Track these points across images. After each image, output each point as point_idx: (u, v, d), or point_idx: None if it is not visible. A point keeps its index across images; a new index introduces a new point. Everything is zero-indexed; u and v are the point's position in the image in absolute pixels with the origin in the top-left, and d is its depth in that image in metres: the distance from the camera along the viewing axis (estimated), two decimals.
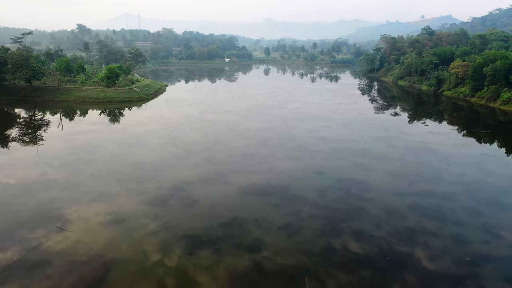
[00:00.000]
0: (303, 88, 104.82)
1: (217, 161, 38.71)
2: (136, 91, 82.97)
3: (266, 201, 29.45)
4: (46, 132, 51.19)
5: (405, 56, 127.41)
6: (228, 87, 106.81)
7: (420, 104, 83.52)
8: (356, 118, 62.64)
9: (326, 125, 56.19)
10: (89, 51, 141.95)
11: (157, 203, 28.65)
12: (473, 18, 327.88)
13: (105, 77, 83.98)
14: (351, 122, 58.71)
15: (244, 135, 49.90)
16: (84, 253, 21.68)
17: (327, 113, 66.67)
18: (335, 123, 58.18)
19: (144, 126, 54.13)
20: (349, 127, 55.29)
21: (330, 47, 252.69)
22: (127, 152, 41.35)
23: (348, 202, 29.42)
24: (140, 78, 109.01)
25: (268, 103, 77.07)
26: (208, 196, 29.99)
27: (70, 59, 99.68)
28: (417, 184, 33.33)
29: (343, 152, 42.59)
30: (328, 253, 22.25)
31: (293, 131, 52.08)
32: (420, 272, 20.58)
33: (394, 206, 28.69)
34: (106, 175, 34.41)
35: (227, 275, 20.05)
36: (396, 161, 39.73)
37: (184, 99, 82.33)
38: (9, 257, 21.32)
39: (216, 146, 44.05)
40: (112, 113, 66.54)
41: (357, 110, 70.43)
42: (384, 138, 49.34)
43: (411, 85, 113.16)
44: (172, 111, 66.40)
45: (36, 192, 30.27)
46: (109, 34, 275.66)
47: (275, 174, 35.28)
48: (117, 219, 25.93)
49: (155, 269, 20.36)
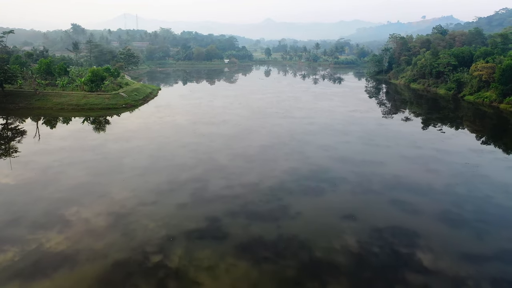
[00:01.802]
0: (309, 92, 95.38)
1: (209, 198, 29.19)
2: (122, 96, 73.49)
3: (279, 274, 19.91)
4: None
5: (418, 57, 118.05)
6: (227, 91, 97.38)
7: (442, 110, 74.04)
8: (377, 130, 53.20)
9: (343, 140, 46.73)
10: (78, 52, 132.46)
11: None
12: (478, 18, 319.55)
13: (88, 80, 74.55)
14: (372, 136, 49.27)
15: (244, 155, 40.43)
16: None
17: (342, 123, 57.23)
18: (353, 136, 48.73)
19: (123, 142, 44.62)
20: (372, 143, 45.83)
21: (333, 48, 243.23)
22: (93, 183, 31.84)
23: (399, 277, 19.91)
24: (131, 81, 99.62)
25: (272, 110, 67.64)
26: (195, 266, 20.46)
27: (52, 60, 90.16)
28: (489, 237, 23.81)
29: (373, 180, 33.13)
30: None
31: (305, 150, 42.62)
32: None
33: (469, 285, 19.19)
34: (50, 225, 24.90)
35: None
36: (445, 195, 30.24)
37: (176, 105, 72.84)
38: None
39: (209, 173, 34.58)
40: (90, 124, 56.96)
41: (375, 119, 60.97)
42: (418, 158, 39.89)
43: (426, 88, 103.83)
44: (160, 122, 56.91)
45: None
46: (104, 34, 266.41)
47: (288, 220, 25.77)
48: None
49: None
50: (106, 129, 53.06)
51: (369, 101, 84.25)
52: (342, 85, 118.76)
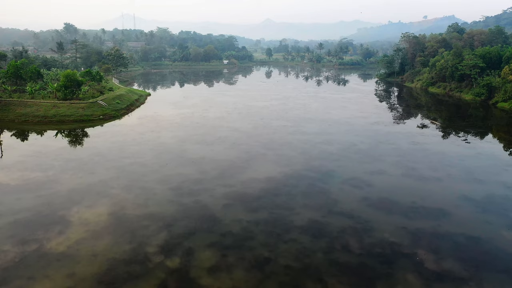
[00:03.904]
0: (319, 98, 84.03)
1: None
2: (101, 105, 62.06)
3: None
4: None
5: (436, 58, 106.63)
6: (225, 96, 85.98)
7: (478, 121, 62.56)
8: (414, 152, 41.80)
9: (376, 170, 35.31)
10: (63, 52, 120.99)
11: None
12: (486, 17, 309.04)
13: (61, 86, 63.17)
14: (411, 162, 37.90)
15: (245, 198, 28.99)
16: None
17: (366, 141, 45.87)
18: (387, 163, 37.34)
19: (83, 175, 33.15)
20: (415, 173, 34.45)
21: (338, 48, 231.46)
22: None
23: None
24: (116, 85, 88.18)
25: (278, 122, 56.33)
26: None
27: (25, 62, 78.71)
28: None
29: (441, 248, 21.73)
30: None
31: (329, 186, 31.24)
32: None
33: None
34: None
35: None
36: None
37: (165, 116, 61.42)
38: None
39: (195, 235, 23.17)
40: (51, 142, 45.46)
41: (406, 135, 49.61)
42: (489, 202, 28.49)
43: (447, 93, 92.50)
44: (140, 140, 45.50)
45: None
46: (98, 34, 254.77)
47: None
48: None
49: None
50: (68, 151, 41.43)
51: (389, 109, 72.95)
52: (352, 88, 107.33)
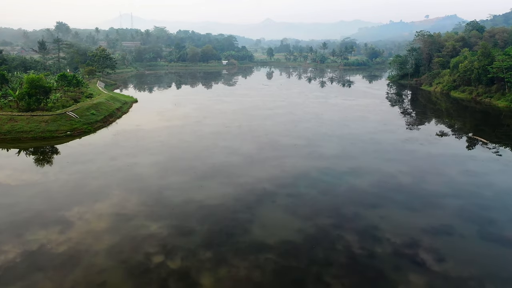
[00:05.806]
0: (330, 106, 72.94)
1: None
2: (70, 117, 50.94)
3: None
4: None
5: (457, 58, 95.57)
6: (223, 103, 74.82)
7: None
8: (477, 190, 30.66)
9: (437, 225, 24.17)
10: (45, 53, 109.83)
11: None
12: (493, 16, 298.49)
13: (24, 94, 52.17)
14: (483, 209, 26.78)
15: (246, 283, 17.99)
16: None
17: (406, 170, 34.76)
18: (449, 212, 26.23)
19: (9, 249, 22.11)
20: (497, 234, 23.43)
21: (343, 48, 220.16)
22: None
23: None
24: (98, 90, 77.00)
25: (287, 140, 45.27)
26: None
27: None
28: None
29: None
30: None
31: (377, 262, 20.19)
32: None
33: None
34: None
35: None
36: None
37: (148, 132, 50.25)
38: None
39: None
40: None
41: (454, 159, 38.49)
42: None
43: (474, 98, 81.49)
44: (109, 170, 34.33)
45: None
46: (92, 34, 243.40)
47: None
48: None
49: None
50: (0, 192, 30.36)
51: (416, 120, 61.90)
52: (364, 92, 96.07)
